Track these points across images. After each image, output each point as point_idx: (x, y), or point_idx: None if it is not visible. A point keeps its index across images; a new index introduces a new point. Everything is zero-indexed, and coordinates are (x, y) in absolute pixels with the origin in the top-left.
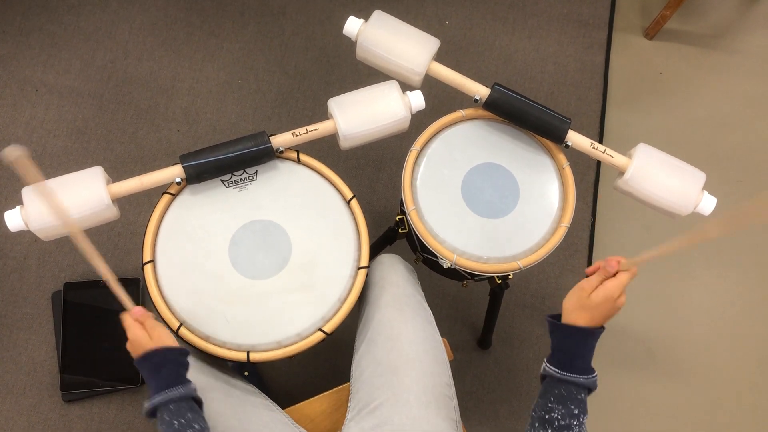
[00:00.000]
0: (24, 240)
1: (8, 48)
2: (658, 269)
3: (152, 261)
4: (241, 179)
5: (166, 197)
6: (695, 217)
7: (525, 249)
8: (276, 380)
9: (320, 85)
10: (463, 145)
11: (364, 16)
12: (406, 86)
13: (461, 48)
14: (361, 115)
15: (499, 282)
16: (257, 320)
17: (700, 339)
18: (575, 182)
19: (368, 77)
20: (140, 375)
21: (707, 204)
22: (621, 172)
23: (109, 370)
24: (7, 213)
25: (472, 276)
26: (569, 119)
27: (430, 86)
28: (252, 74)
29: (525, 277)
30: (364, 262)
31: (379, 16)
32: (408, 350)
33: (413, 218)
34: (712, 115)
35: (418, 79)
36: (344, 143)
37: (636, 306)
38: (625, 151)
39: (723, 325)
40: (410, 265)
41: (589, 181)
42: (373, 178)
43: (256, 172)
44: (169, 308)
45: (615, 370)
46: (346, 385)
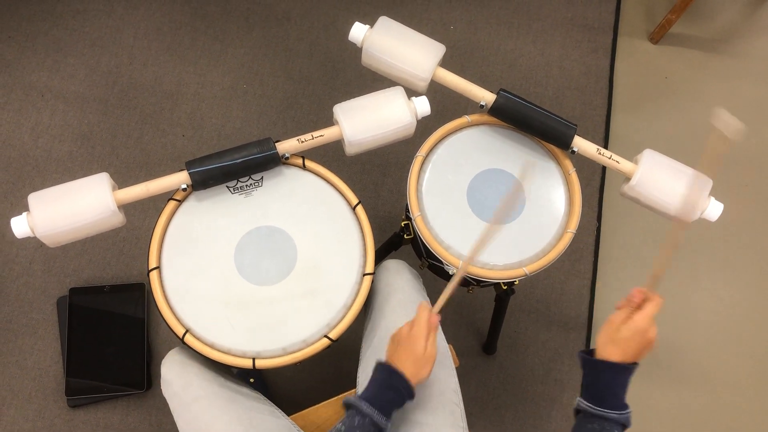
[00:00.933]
0: (30, 245)
1: (14, 53)
2: (665, 274)
3: (158, 267)
4: (246, 185)
5: (171, 203)
6: (699, 223)
7: (531, 255)
8: (281, 387)
9: (325, 90)
10: (468, 150)
11: (369, 21)
12: (411, 92)
13: (466, 52)
14: (366, 121)
15: (505, 288)
16: (263, 327)
17: (705, 343)
18: (581, 187)
19: (373, 82)
20: (146, 380)
21: (714, 210)
22: (627, 178)
23: (114, 375)
24: (13, 219)
25: (478, 282)
26: (575, 125)
27: (436, 92)
28: (257, 79)
29: (531, 282)
30: (370, 269)
31: (384, 22)
32: None
33: (419, 224)
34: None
35: (423, 85)
36: (350, 149)
37: None
38: (631, 156)
39: (728, 330)
40: (416, 271)
41: (595, 186)
42: (379, 184)
43: (262, 178)
44: (175, 315)
45: None
46: (352, 391)
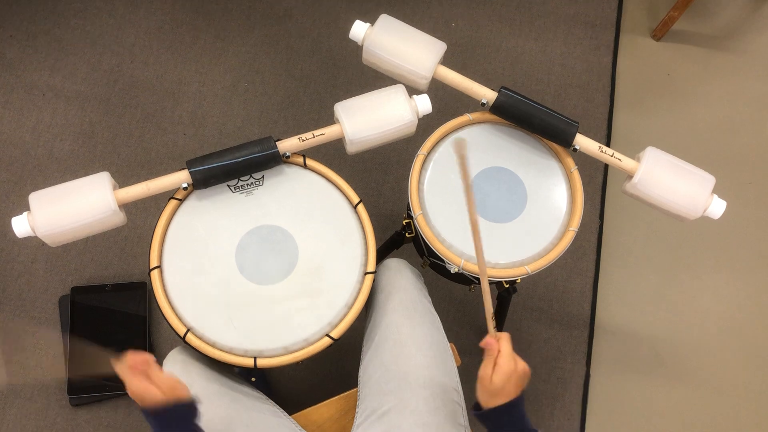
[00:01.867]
0: (31, 244)
1: (15, 52)
2: (666, 272)
3: (159, 267)
4: (247, 184)
5: (172, 202)
6: (702, 221)
7: (533, 253)
8: (283, 386)
9: (326, 88)
10: (470, 149)
11: (370, 19)
12: (412, 90)
13: (468, 50)
14: (367, 119)
15: (507, 286)
16: (264, 326)
17: (708, 343)
18: (583, 185)
19: (374, 80)
20: None
21: (717, 208)
22: (629, 176)
23: (116, 374)
24: (14, 219)
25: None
26: (577, 122)
27: (437, 90)
28: (258, 77)
29: (533, 280)
30: (371, 268)
31: (385, 20)
32: (416, 356)
33: (420, 223)
34: (720, 117)
35: (424, 83)
36: (351, 148)
37: (643, 309)
38: (633, 154)
39: (731, 329)
40: (417, 270)
41: (597, 184)
42: (380, 182)
43: (263, 177)
44: (176, 314)
45: (622, 373)
46: (354, 390)
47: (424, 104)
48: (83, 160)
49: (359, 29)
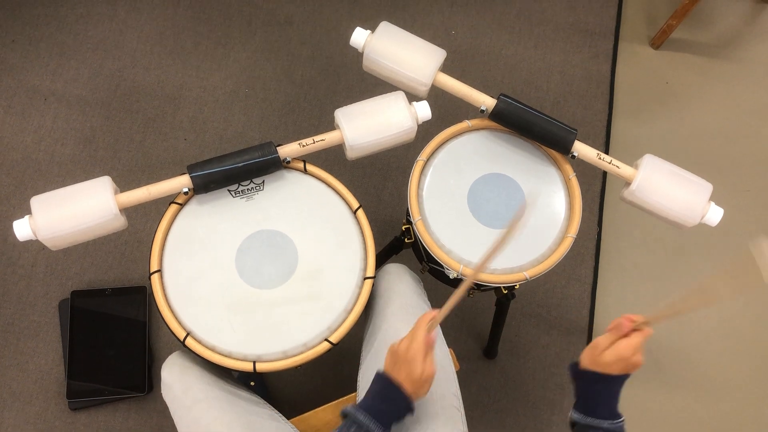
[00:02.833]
0: (32, 248)
1: (17, 57)
2: (664, 278)
3: (159, 271)
4: (248, 189)
5: (173, 207)
6: (703, 230)
7: (531, 259)
8: (282, 390)
9: (327, 94)
10: (469, 155)
11: (371, 26)
12: (412, 96)
13: (467, 57)
14: (367, 125)
15: (506, 292)
16: (263, 330)
17: (706, 349)
18: (581, 192)
19: (374, 87)
20: (147, 383)
21: (714, 215)
22: (627, 183)
23: (115, 378)
24: (15, 222)
25: (479, 286)
26: (575, 129)
27: (437, 96)
28: (259, 83)
29: (531, 286)
30: (371, 273)
31: (385, 27)
32: None
33: (419, 229)
34: (718, 125)
35: (424, 90)
36: (351, 153)
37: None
38: (631, 161)
39: (729, 335)
40: (416, 275)
41: (595, 191)
42: (380, 187)
43: (263, 182)
44: (176, 318)
45: None
46: (353, 395)
47: (423, 111)
48: (84, 165)
49: (360, 36)
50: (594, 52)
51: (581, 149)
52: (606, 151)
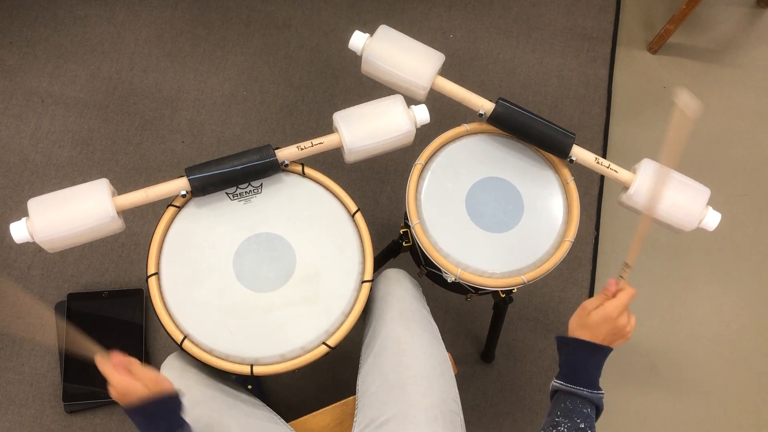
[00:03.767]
0: (28, 250)
1: (15, 59)
2: (662, 283)
3: (157, 273)
4: (246, 192)
5: (171, 210)
6: (701, 235)
7: (529, 263)
8: (279, 393)
9: (325, 97)
10: (467, 159)
11: (369, 29)
12: (411, 100)
13: (465, 61)
14: (366, 129)
15: (503, 296)
16: (261, 333)
17: (704, 353)
18: (579, 196)
19: (373, 90)
20: None
21: (711, 219)
22: (625, 187)
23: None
24: (12, 225)
25: (476, 290)
26: (573, 134)
27: (435, 100)
28: (257, 86)
29: (528, 290)
30: (369, 276)
31: (384, 30)
32: (415, 366)
33: (417, 232)
34: (715, 130)
35: (423, 94)
36: (349, 157)
37: (640, 320)
38: (629, 166)
39: (726, 340)
40: (416, 280)
41: (593, 195)
42: (377, 191)
43: (261, 185)
44: (173, 321)
45: (619, 384)
46: (351, 398)
47: (422, 114)
48: (82, 167)
49: (358, 39)
50: (592, 56)
51: (579, 153)
52: (604, 155)
